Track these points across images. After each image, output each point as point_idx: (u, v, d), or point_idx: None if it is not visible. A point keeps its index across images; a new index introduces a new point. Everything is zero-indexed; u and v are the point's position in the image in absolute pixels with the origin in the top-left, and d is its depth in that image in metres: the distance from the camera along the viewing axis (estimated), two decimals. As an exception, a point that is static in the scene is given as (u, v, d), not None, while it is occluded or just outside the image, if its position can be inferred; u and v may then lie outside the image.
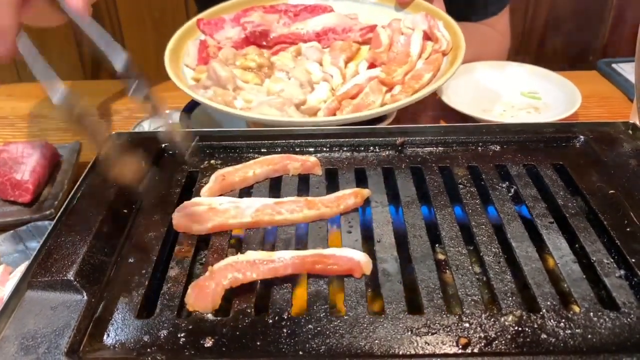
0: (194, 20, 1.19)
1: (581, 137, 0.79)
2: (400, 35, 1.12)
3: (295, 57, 1.12)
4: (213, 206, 0.67)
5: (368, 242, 0.65)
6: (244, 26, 1.18)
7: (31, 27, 0.81)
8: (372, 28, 1.15)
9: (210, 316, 0.55)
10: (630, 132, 0.81)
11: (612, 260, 0.60)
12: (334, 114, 0.95)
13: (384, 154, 0.79)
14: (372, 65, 1.07)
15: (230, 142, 0.81)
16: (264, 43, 1.16)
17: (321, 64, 1.09)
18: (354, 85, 1.00)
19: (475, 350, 0.50)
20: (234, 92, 0.99)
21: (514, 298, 0.55)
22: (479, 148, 0.79)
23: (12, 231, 0.87)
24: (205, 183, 0.73)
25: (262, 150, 0.81)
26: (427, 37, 1.10)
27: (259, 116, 0.91)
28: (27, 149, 1.01)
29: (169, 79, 1.04)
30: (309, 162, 0.75)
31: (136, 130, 1.15)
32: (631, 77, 1.30)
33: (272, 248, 0.63)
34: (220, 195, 0.72)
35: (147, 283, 0.59)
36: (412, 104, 0.94)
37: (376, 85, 0.98)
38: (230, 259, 0.58)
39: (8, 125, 1.27)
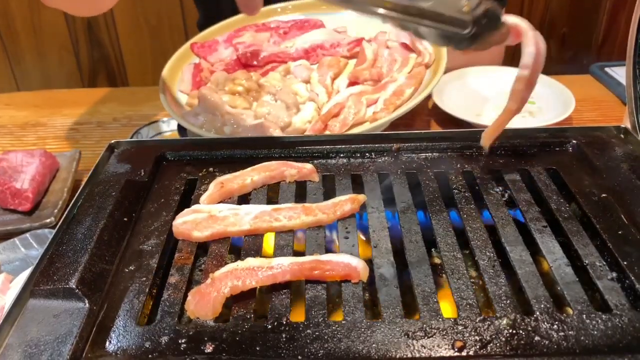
0: (187, 44, 1.21)
1: (574, 141, 0.81)
2: (386, 49, 1.14)
3: (284, 77, 1.14)
4: (213, 213, 0.68)
5: (365, 248, 0.66)
6: (235, 47, 1.21)
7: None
8: (359, 42, 1.17)
9: (210, 322, 0.56)
10: (622, 136, 0.82)
11: (604, 263, 0.61)
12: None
13: (379, 160, 0.80)
14: (353, 83, 1.09)
15: (227, 150, 0.83)
16: (255, 63, 1.18)
17: (309, 82, 1.11)
18: (335, 104, 1.02)
19: (471, 353, 0.51)
20: (222, 119, 1.01)
21: (508, 301, 0.56)
22: (474, 153, 0.80)
23: (12, 239, 0.88)
24: (204, 190, 0.74)
25: (260, 157, 0.82)
26: (411, 49, 1.13)
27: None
28: (26, 158, 1.01)
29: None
30: (305, 169, 0.76)
31: (134, 138, 1.16)
32: (624, 81, 1.32)
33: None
34: (220, 202, 0.73)
35: (147, 290, 0.60)
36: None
37: (357, 99, 1.01)
38: (230, 266, 0.59)
39: (7, 134, 1.28)
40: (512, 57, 2.34)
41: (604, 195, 0.70)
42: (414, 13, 0.58)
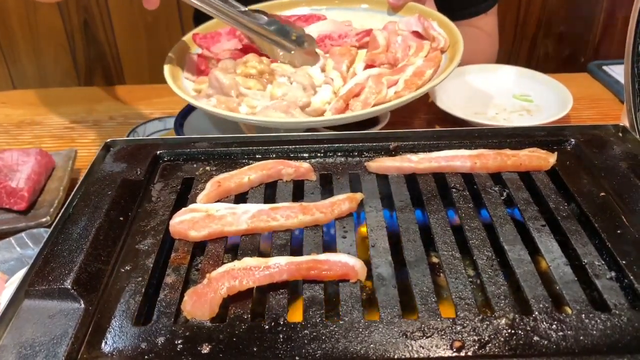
0: (189, 35, 1.19)
1: (572, 140, 0.80)
2: (397, 36, 1.13)
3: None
4: (210, 213, 0.67)
5: (362, 247, 0.66)
6: (240, 38, 1.19)
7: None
8: (368, 32, 1.16)
9: (206, 323, 0.55)
10: (620, 134, 0.82)
11: (603, 262, 0.60)
12: (341, 114, 0.96)
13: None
14: (370, 66, 1.08)
15: (224, 149, 0.82)
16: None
17: (323, 69, 1.09)
18: (355, 84, 1.01)
19: (469, 353, 0.51)
20: (237, 99, 1.00)
21: (506, 301, 0.56)
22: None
23: (7, 239, 0.87)
24: (201, 190, 0.73)
25: (257, 156, 0.81)
26: (424, 37, 1.11)
27: (267, 119, 0.91)
28: (22, 157, 1.01)
29: (162, 84, 1.05)
30: (302, 168, 0.76)
31: (131, 136, 1.16)
32: (622, 79, 1.32)
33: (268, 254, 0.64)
34: (217, 201, 0.72)
35: (143, 290, 0.59)
36: (405, 107, 0.95)
37: (377, 80, 1.00)
38: (227, 266, 0.59)
39: (2, 133, 1.28)
40: (508, 54, 2.34)
41: (602, 194, 0.70)
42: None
